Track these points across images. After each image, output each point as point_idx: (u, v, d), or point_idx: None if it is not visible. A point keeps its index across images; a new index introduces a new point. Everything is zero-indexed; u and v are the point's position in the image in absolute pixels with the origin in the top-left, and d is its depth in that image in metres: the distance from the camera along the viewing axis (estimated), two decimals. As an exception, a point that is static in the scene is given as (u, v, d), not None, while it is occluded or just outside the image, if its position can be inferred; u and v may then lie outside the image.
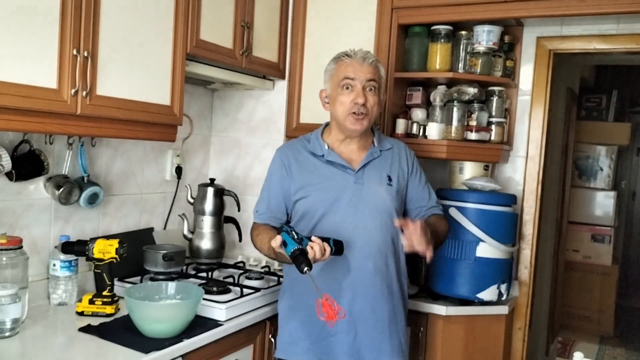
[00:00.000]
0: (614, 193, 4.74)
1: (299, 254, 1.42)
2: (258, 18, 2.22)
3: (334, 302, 1.43)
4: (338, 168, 1.72)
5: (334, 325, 1.62)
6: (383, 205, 1.72)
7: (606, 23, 2.18)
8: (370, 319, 1.69)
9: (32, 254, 1.73)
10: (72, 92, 1.49)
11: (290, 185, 1.73)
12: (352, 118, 1.67)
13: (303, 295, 1.69)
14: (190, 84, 2.36)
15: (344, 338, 1.67)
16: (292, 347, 1.72)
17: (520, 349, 2.34)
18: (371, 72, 1.68)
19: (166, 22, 1.80)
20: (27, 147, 1.73)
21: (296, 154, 1.76)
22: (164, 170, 2.33)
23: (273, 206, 1.76)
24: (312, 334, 1.69)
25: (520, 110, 2.38)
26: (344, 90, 1.68)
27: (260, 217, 1.77)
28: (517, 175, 2.39)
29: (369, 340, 1.68)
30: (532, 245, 2.36)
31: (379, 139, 1.79)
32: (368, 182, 1.72)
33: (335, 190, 1.70)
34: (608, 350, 4.44)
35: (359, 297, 1.68)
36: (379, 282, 1.70)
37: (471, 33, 2.21)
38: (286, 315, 1.76)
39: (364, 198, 1.70)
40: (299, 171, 1.73)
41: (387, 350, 1.71)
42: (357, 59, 1.68)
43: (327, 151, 1.73)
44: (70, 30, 1.47)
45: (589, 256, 4.77)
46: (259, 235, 1.72)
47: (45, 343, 1.49)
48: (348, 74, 1.67)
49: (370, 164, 1.74)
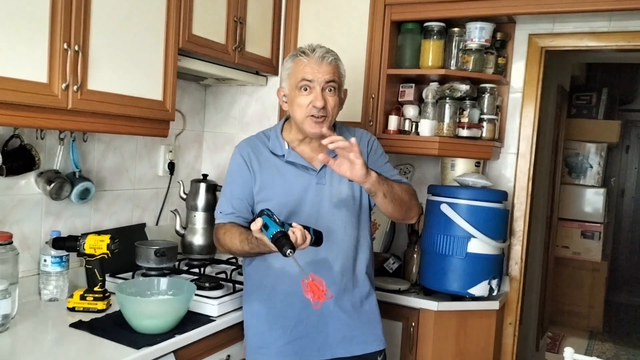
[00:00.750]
0: (603, 190, 4.78)
1: (281, 236, 1.35)
2: (251, 13, 2.21)
3: (322, 282, 1.38)
4: (299, 169, 1.66)
5: (306, 326, 1.62)
6: (346, 204, 1.67)
7: (598, 20, 2.20)
8: (341, 317, 1.65)
9: (22, 250, 1.72)
10: (63, 87, 1.48)
11: (253, 185, 1.66)
12: (311, 121, 1.59)
13: (269, 297, 1.66)
14: (183, 80, 2.35)
15: (316, 337, 1.64)
16: (264, 350, 1.66)
17: (511, 344, 2.36)
18: (330, 71, 1.59)
19: (158, 16, 1.79)
20: (17, 142, 1.71)
21: (256, 152, 1.68)
22: (156, 166, 2.32)
23: (237, 205, 1.66)
24: (283, 336, 1.64)
25: (511, 108, 2.39)
26: (301, 91, 1.59)
27: (225, 217, 1.66)
28: (508, 172, 2.40)
29: (340, 337, 1.66)
30: (523, 241, 2.38)
31: (340, 133, 1.70)
32: (330, 181, 1.65)
33: (297, 192, 1.64)
34: (597, 346, 4.49)
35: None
36: (346, 280, 1.66)
37: (463, 30, 2.22)
38: (253, 320, 1.70)
39: (327, 199, 1.65)
40: (260, 170, 1.66)
41: (359, 342, 1.68)
42: (315, 58, 1.58)
43: (288, 151, 1.66)
44: (61, 24, 1.46)
45: (579, 252, 4.82)
46: (227, 232, 1.61)
47: (35, 339, 1.48)
48: (306, 75, 1.58)
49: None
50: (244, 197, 1.66)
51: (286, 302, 1.64)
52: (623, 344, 4.55)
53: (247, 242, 1.52)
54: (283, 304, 1.65)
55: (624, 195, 6.16)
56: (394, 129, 2.26)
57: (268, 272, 1.66)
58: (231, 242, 1.60)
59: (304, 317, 1.63)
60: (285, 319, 1.64)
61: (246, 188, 1.67)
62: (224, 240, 1.63)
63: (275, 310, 1.65)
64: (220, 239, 1.64)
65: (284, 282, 1.63)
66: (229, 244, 1.61)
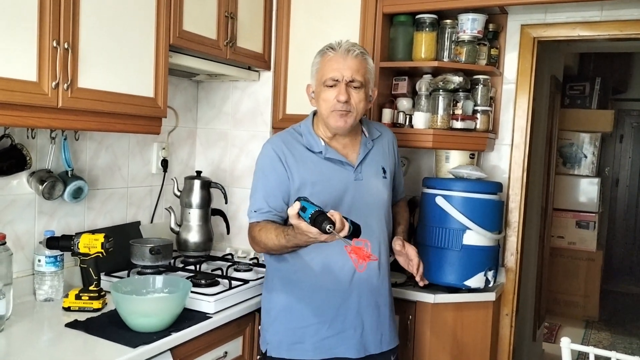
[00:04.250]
0: (597, 180, 4.80)
1: (319, 214, 1.33)
2: (242, 8, 2.20)
3: (366, 242, 1.35)
4: (336, 164, 1.67)
5: (343, 323, 1.63)
6: (381, 200, 1.71)
7: (590, 10, 2.19)
8: (375, 314, 1.69)
9: (16, 250, 1.71)
10: (53, 85, 1.46)
11: (290, 182, 1.63)
12: (336, 115, 1.61)
13: (306, 292, 1.65)
14: (175, 76, 2.33)
15: (352, 335, 1.65)
16: (298, 345, 1.65)
17: (508, 335, 2.37)
18: (356, 66, 1.61)
19: (148, 12, 1.78)
20: (8, 141, 1.70)
21: (291, 148, 1.66)
22: (149, 164, 2.31)
23: (273, 203, 1.62)
24: (318, 332, 1.64)
25: (505, 99, 2.39)
26: (327, 86, 1.62)
27: (260, 216, 1.62)
28: (503, 163, 2.40)
29: (374, 334, 1.69)
30: (518, 232, 2.38)
31: (368, 128, 1.77)
32: (367, 177, 1.70)
33: (337, 189, 1.64)
34: (593, 335, 4.52)
35: (365, 294, 1.67)
36: (382, 276, 1.71)
37: (456, 22, 2.21)
38: (284, 314, 1.68)
39: (364, 195, 1.67)
40: (297, 167, 1.63)
41: (386, 341, 1.73)
42: (341, 52, 1.61)
43: (325, 147, 1.67)
44: (50, 22, 1.44)
45: (574, 242, 4.84)
46: (262, 229, 1.59)
47: (31, 339, 1.47)
48: (331, 70, 1.61)
49: (367, 157, 1.72)
50: (279, 194, 1.63)
51: (325, 297, 1.65)
52: (619, 333, 4.58)
53: (283, 234, 1.50)
54: (322, 300, 1.65)
55: (618, 185, 6.19)
56: (388, 122, 2.26)
57: (305, 268, 1.65)
58: (267, 237, 1.56)
59: (342, 313, 1.64)
60: (323, 314, 1.64)
61: (282, 185, 1.63)
62: (259, 237, 1.59)
63: (312, 305, 1.65)
64: (256, 237, 1.61)
65: (324, 278, 1.64)
66: (265, 239, 1.57)
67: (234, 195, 2.42)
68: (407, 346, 2.10)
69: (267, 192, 1.64)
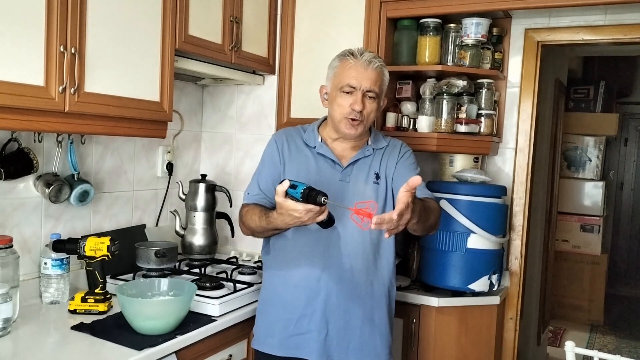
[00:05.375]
0: (602, 183, 4.79)
1: (310, 190, 1.38)
2: (247, 13, 2.21)
3: (365, 205, 1.33)
4: (327, 162, 1.69)
5: (308, 324, 1.62)
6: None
7: (593, 14, 2.20)
8: (342, 319, 1.64)
9: (22, 253, 1.73)
10: (60, 90, 1.48)
11: (281, 172, 1.70)
12: (348, 122, 1.63)
13: (280, 287, 1.68)
14: (180, 80, 2.35)
15: (316, 337, 1.63)
16: (269, 339, 1.68)
17: (512, 339, 2.37)
18: (374, 78, 1.62)
19: (154, 17, 1.79)
20: (15, 145, 1.71)
21: (290, 141, 1.74)
22: (155, 167, 2.32)
23: (264, 187, 1.71)
24: (286, 329, 1.65)
25: (509, 102, 2.39)
26: (343, 93, 1.63)
27: (251, 198, 1.71)
28: (507, 167, 2.40)
29: (339, 340, 1.64)
30: (522, 235, 2.38)
31: (374, 138, 1.75)
32: (354, 181, 1.68)
33: (319, 185, 1.59)
34: (598, 339, 4.50)
35: (334, 295, 1.63)
36: (357, 283, 1.65)
37: (460, 26, 2.22)
38: (264, 307, 1.73)
39: (346, 196, 1.65)
40: (290, 159, 1.71)
41: (356, 352, 1.65)
42: (362, 62, 1.62)
43: (319, 144, 1.71)
44: (57, 27, 1.46)
45: (579, 246, 4.82)
46: (249, 210, 1.66)
47: (37, 342, 1.48)
48: (350, 77, 1.62)
49: (360, 161, 1.70)
50: (271, 180, 1.70)
51: (293, 293, 1.65)
52: (624, 337, 4.56)
53: (265, 217, 1.56)
54: (291, 295, 1.66)
55: (622, 188, 6.17)
56: (392, 125, 2.27)
57: (280, 260, 1.69)
58: (251, 219, 1.64)
59: (308, 312, 1.64)
60: (292, 311, 1.65)
61: (275, 173, 1.71)
62: (245, 217, 1.67)
63: (284, 301, 1.67)
64: (242, 217, 1.69)
65: (294, 272, 1.65)
66: (249, 220, 1.65)
67: (238, 198, 2.41)
68: (412, 350, 2.10)
69: (261, 177, 1.74)
